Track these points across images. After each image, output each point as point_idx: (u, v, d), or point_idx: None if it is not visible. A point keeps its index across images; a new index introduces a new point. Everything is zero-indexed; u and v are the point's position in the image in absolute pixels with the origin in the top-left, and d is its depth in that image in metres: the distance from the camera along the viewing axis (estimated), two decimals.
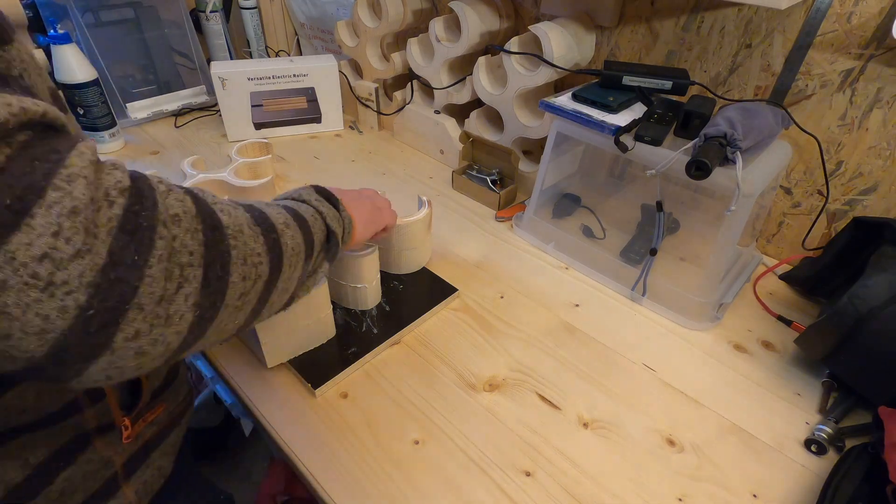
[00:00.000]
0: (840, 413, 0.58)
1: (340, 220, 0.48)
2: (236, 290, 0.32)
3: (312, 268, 0.44)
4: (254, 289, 0.35)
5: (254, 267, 0.34)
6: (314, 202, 0.46)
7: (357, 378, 0.61)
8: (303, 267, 0.42)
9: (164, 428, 0.51)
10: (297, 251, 0.40)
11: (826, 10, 0.65)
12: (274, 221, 0.38)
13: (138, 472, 0.48)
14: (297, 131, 1.17)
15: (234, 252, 0.32)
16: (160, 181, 0.30)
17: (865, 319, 0.54)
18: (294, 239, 0.40)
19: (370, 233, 0.57)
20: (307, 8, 1.31)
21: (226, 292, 0.32)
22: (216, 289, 0.31)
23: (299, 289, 0.43)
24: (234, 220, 0.33)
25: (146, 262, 0.26)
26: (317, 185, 0.50)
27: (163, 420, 0.51)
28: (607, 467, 0.53)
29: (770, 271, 0.80)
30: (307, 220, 0.43)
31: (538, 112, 0.91)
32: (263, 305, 0.37)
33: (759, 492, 0.52)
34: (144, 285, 0.26)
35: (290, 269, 0.39)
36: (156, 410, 0.49)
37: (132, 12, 1.14)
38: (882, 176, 0.69)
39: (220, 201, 0.34)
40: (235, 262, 0.32)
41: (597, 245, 0.81)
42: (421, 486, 0.51)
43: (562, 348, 0.66)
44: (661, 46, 0.80)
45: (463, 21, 0.90)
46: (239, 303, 0.33)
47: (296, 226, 0.41)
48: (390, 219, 0.62)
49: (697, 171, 0.57)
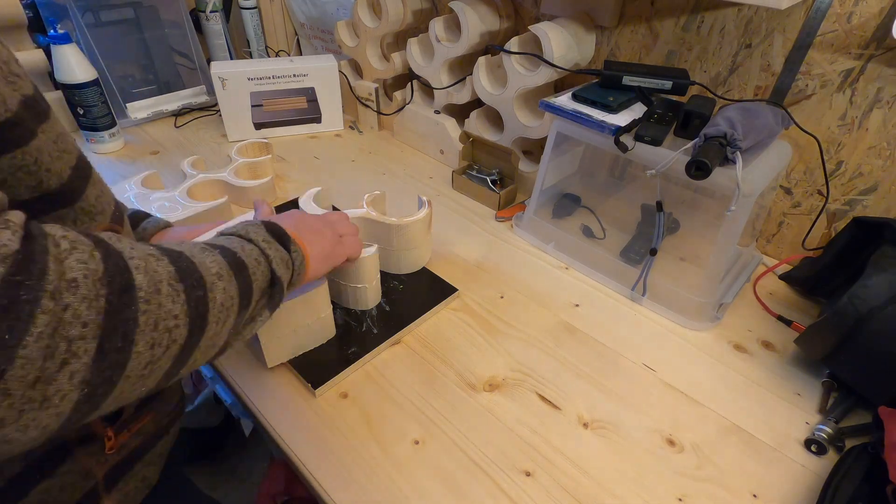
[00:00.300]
0: (840, 413, 0.58)
1: (290, 263, 0.45)
2: (141, 359, 0.29)
3: (250, 316, 0.41)
4: (165, 355, 0.31)
5: (167, 332, 0.31)
6: (261, 243, 0.42)
7: (357, 378, 0.61)
8: (235, 319, 0.38)
9: (150, 437, 0.49)
10: (227, 305, 0.36)
11: (826, 10, 0.65)
12: (203, 274, 0.35)
13: (120, 483, 0.46)
14: (297, 131, 1.17)
15: (142, 318, 0.29)
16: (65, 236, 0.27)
17: (865, 319, 0.54)
18: (226, 292, 0.36)
19: (327, 268, 0.53)
20: (307, 8, 1.31)
21: (126, 364, 0.28)
22: (113, 362, 0.28)
23: (234, 338, 0.40)
24: (152, 278, 0.30)
25: (19, 342, 0.23)
26: (269, 221, 0.46)
27: (149, 429, 0.48)
28: (607, 467, 0.53)
29: (770, 271, 0.80)
30: (248, 265, 0.40)
31: (538, 112, 0.91)
32: (182, 366, 0.34)
33: (759, 492, 0.52)
34: (15, 368, 0.23)
35: (218, 325, 0.36)
36: (142, 420, 0.47)
37: (132, 12, 1.15)
38: (882, 176, 0.69)
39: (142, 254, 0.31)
40: (143, 330, 0.29)
41: (597, 245, 0.81)
42: (421, 486, 0.51)
43: (562, 348, 0.66)
44: (661, 46, 0.80)
45: (463, 21, 0.90)
46: (145, 371, 0.30)
47: (231, 275, 0.37)
48: (353, 250, 0.58)
49: (697, 171, 0.57)
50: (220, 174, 0.91)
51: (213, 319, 0.35)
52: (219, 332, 0.36)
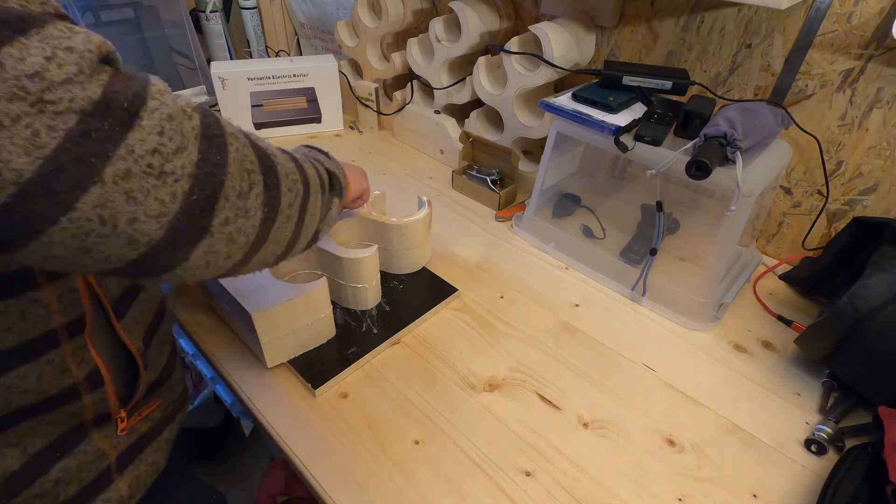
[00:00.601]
0: (840, 413, 0.58)
1: (336, 166, 0.53)
2: (286, 198, 0.38)
3: (327, 202, 0.48)
4: (296, 202, 0.40)
5: (293, 182, 0.40)
6: (309, 153, 0.51)
7: (357, 378, 0.61)
8: (321, 197, 0.46)
9: (158, 423, 0.52)
10: (313, 179, 0.45)
11: (826, 10, 0.65)
12: (292, 154, 0.43)
13: (131, 465, 0.48)
14: (297, 131, 1.17)
15: (278, 168, 0.38)
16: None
17: (865, 319, 0.54)
18: (311, 170, 0.45)
19: (358, 190, 0.62)
20: (307, 8, 1.31)
21: (280, 198, 0.37)
22: (273, 194, 0.36)
23: (322, 224, 0.48)
24: (268, 145, 0.39)
25: (226, 161, 0.32)
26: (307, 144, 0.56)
27: (157, 415, 0.51)
28: (607, 467, 0.53)
29: (770, 271, 0.80)
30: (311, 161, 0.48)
31: (538, 112, 0.91)
32: (301, 224, 0.42)
33: (759, 492, 0.52)
34: (228, 179, 0.32)
35: (314, 195, 0.44)
36: (151, 405, 0.50)
37: (132, 12, 1.15)
38: (882, 176, 0.69)
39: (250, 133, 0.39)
40: (281, 175, 0.38)
41: (597, 245, 0.81)
42: (421, 486, 0.51)
43: (562, 348, 0.66)
44: (661, 46, 0.80)
45: (463, 21, 0.90)
46: (289, 211, 0.39)
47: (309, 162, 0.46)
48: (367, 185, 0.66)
49: (697, 171, 0.57)
50: None
51: (311, 187, 0.43)
52: (315, 204, 0.44)
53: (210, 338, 0.65)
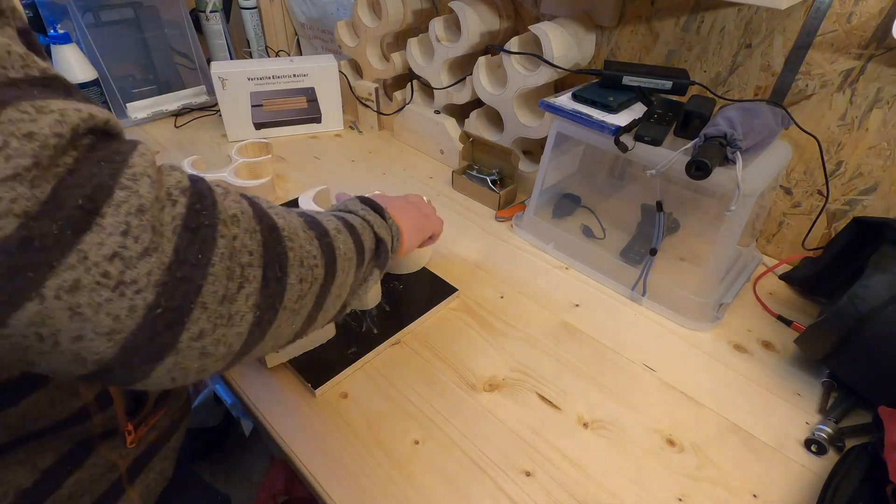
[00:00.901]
0: (840, 413, 0.58)
1: (388, 229, 0.48)
2: (294, 291, 0.33)
3: (363, 276, 0.45)
4: (310, 292, 0.35)
5: (310, 269, 0.34)
6: (360, 212, 0.47)
7: (357, 378, 0.61)
8: (355, 273, 0.42)
9: (164, 432, 0.51)
10: (349, 256, 0.40)
11: (826, 10, 0.65)
12: (326, 227, 0.39)
13: (141, 475, 0.48)
14: (297, 131, 1.17)
15: (290, 254, 0.32)
16: (217, 184, 0.31)
17: (865, 319, 0.54)
18: (346, 244, 0.40)
19: (418, 241, 0.58)
20: (307, 8, 1.31)
21: (284, 294, 0.32)
22: (275, 290, 0.31)
23: (351, 297, 0.43)
24: (289, 223, 0.34)
25: (209, 260, 0.27)
26: (362, 196, 0.51)
27: (163, 424, 0.51)
28: (607, 467, 0.53)
29: (770, 271, 0.80)
30: (356, 227, 0.43)
31: (538, 112, 0.91)
32: (318, 311, 0.37)
33: (759, 492, 0.52)
34: (208, 283, 0.27)
35: (343, 273, 0.39)
36: (157, 414, 0.50)
37: (132, 12, 1.14)
38: (882, 176, 0.69)
39: (274, 206, 0.35)
40: (293, 264, 0.32)
41: (597, 245, 0.81)
42: (421, 486, 0.51)
43: (562, 348, 0.66)
44: (661, 46, 0.80)
45: (463, 21, 0.90)
46: (296, 306, 0.34)
47: (346, 232, 0.41)
48: (437, 226, 0.63)
49: (697, 171, 0.57)
50: (220, 174, 0.90)
51: (340, 267, 0.38)
52: (344, 283, 0.40)
53: None
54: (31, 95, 0.23)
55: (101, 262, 0.23)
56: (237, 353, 0.30)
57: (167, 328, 0.26)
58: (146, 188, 0.25)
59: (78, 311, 0.23)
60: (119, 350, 0.25)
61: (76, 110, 0.24)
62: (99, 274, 0.23)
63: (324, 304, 0.37)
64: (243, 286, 0.29)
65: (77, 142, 0.24)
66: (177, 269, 0.25)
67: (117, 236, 0.23)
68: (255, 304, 0.30)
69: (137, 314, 0.24)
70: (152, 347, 0.26)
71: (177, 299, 0.25)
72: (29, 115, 0.22)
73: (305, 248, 0.34)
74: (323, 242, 0.37)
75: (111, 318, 0.24)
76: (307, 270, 0.34)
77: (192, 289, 0.26)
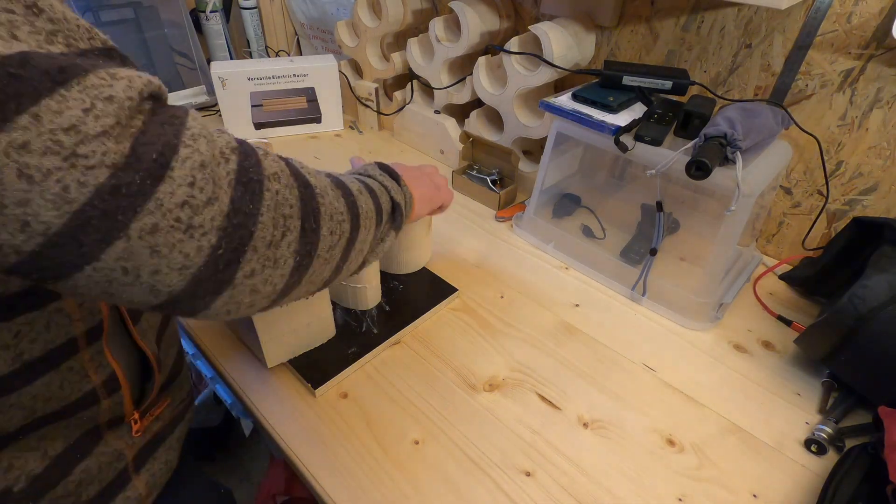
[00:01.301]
0: (840, 413, 0.58)
1: (403, 195, 0.52)
2: (326, 242, 0.37)
3: (381, 235, 0.48)
4: (338, 244, 0.39)
5: (338, 224, 0.38)
6: (379, 177, 0.51)
7: (357, 378, 0.61)
8: (374, 231, 0.45)
9: (168, 423, 0.53)
10: (369, 215, 0.44)
11: (826, 10, 0.65)
12: (350, 187, 0.42)
13: (147, 464, 0.50)
14: (297, 131, 1.17)
15: (322, 209, 0.36)
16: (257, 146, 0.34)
17: (865, 319, 0.54)
18: (367, 204, 0.44)
19: (428, 209, 0.61)
20: (307, 8, 1.31)
21: (318, 243, 0.36)
22: (311, 239, 0.35)
23: (370, 254, 0.47)
24: (319, 181, 0.38)
25: (258, 210, 0.31)
26: (380, 162, 0.54)
27: (168, 415, 0.52)
28: (607, 467, 0.53)
29: (770, 271, 0.80)
30: (375, 191, 0.47)
31: (538, 112, 0.91)
32: (344, 262, 0.41)
33: (759, 492, 0.52)
34: (258, 230, 0.31)
35: (365, 230, 0.43)
36: (161, 405, 0.51)
37: (132, 12, 1.15)
38: (882, 176, 0.69)
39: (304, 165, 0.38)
40: (325, 218, 0.36)
41: (597, 245, 0.81)
42: (421, 486, 0.51)
43: (562, 348, 0.66)
44: (661, 46, 0.80)
45: (463, 21, 0.90)
46: (328, 255, 0.38)
47: (367, 194, 0.45)
48: (447, 197, 0.65)
49: (697, 171, 0.57)
50: None
51: (362, 224, 0.42)
52: (365, 239, 0.44)
53: (210, 338, 0.65)
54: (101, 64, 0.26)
55: (174, 209, 0.27)
56: (280, 293, 0.35)
57: (227, 266, 0.30)
58: (204, 146, 0.28)
59: (156, 249, 0.27)
60: (188, 283, 0.29)
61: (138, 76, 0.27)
62: (173, 218, 0.27)
63: (349, 257, 0.42)
64: (286, 235, 0.33)
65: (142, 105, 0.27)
66: (234, 216, 0.29)
67: (185, 187, 0.27)
68: (295, 250, 0.34)
69: (204, 253, 0.28)
70: (214, 282, 0.30)
71: (234, 242, 0.30)
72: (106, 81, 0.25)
73: (334, 205, 0.38)
74: (348, 201, 0.41)
75: (183, 256, 0.28)
76: (336, 224, 0.38)
77: (246, 234, 0.30)
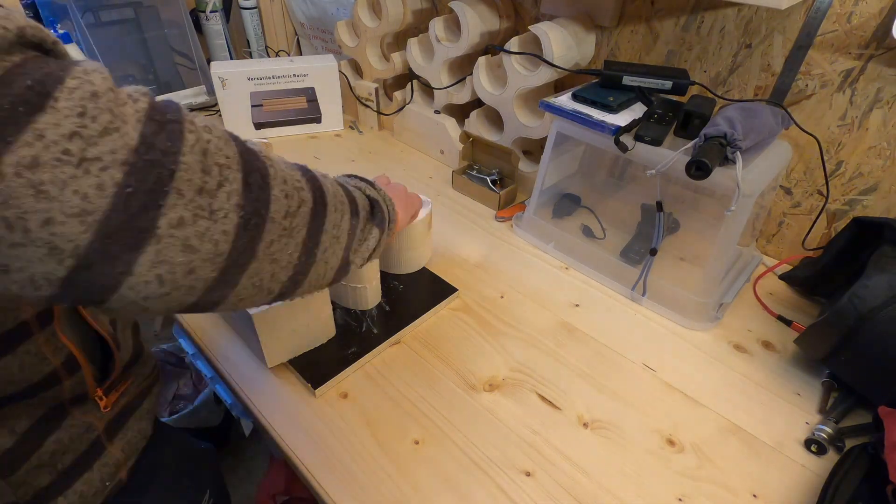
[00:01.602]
0: (840, 413, 0.58)
1: (379, 194, 0.48)
2: (280, 205, 0.33)
3: (363, 234, 0.44)
4: (300, 213, 0.35)
5: (295, 190, 0.34)
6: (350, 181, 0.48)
7: (357, 378, 0.61)
8: (350, 220, 0.41)
9: (135, 398, 0.55)
10: (339, 199, 0.40)
11: (826, 10, 0.65)
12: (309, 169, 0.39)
13: (120, 433, 0.52)
14: (297, 131, 1.17)
15: (270, 170, 0.32)
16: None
17: (865, 319, 0.54)
18: (333, 187, 0.40)
19: (409, 215, 0.60)
20: (307, 8, 1.31)
21: (269, 204, 0.32)
22: (258, 196, 0.31)
23: (354, 253, 0.43)
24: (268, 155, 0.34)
25: (179, 149, 0.27)
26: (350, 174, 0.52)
27: (133, 391, 0.55)
28: (607, 467, 0.53)
29: (770, 271, 0.80)
30: (344, 184, 0.44)
31: (538, 112, 0.91)
32: (316, 245, 0.37)
33: (759, 492, 0.52)
34: (181, 171, 0.27)
35: (337, 213, 0.39)
36: (125, 383, 0.53)
37: (132, 12, 1.15)
38: (882, 176, 0.69)
39: None
40: (275, 178, 0.33)
41: (597, 245, 0.81)
42: (421, 486, 0.51)
43: (562, 348, 0.66)
44: (661, 46, 0.80)
45: (463, 21, 0.90)
46: (286, 223, 0.33)
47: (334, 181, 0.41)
48: (418, 203, 0.65)
49: (697, 171, 0.57)
50: None
51: (330, 203, 0.38)
52: (339, 225, 0.39)
53: (210, 338, 0.65)
54: None
55: (59, 140, 0.23)
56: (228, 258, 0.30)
57: (143, 210, 0.25)
58: (98, 80, 0.25)
59: (41, 188, 0.23)
60: (94, 234, 0.24)
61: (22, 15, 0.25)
62: (59, 151, 0.23)
63: (321, 239, 0.37)
64: (223, 185, 0.29)
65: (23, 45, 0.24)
66: (144, 152, 0.25)
67: (74, 118, 0.24)
68: (237, 203, 0.30)
69: (107, 191, 0.24)
70: (130, 231, 0.25)
71: (149, 181, 0.25)
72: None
73: (287, 172, 0.34)
74: (307, 175, 0.37)
75: (79, 197, 0.24)
76: (292, 189, 0.34)
77: (164, 173, 0.26)
